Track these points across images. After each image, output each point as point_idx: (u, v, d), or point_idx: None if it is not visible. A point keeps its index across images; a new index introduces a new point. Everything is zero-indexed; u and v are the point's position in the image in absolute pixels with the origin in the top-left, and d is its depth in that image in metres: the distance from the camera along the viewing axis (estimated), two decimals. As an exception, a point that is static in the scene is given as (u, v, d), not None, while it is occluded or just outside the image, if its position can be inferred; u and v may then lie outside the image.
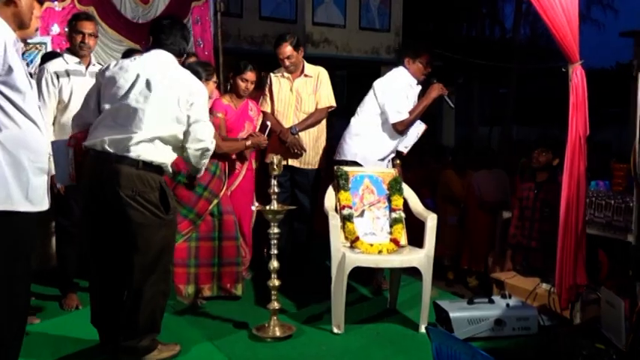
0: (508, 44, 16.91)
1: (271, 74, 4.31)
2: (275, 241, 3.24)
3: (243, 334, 3.31)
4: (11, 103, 2.17)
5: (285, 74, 4.23)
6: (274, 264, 3.24)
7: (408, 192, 3.71)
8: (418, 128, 4.15)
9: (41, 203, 2.28)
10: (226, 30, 8.44)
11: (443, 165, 5.91)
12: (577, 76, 3.09)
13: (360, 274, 3.80)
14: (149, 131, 2.74)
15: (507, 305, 3.27)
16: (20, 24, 2.27)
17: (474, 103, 17.34)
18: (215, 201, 3.76)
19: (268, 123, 4.00)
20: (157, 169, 2.79)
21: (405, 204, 3.68)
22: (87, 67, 3.62)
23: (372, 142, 3.98)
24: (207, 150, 2.91)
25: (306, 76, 4.25)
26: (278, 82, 4.26)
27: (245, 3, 11.34)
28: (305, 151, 4.20)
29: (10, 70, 2.14)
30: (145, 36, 5.64)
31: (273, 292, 3.25)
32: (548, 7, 3.07)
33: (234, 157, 3.99)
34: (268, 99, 4.28)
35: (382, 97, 3.95)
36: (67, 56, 3.62)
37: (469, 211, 5.12)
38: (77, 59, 3.59)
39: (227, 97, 4.06)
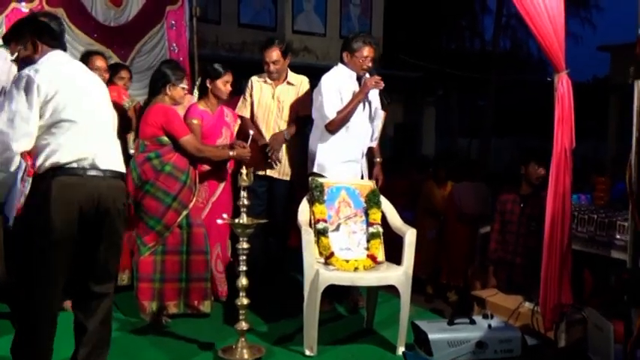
0: (487, 56, 16.99)
1: (253, 78, 4.14)
2: (244, 257, 3.03)
3: (209, 356, 3.11)
4: None
5: (268, 80, 4.07)
6: (243, 281, 3.04)
7: (387, 205, 3.54)
8: (378, 118, 3.91)
9: None
10: (204, 36, 8.24)
11: (425, 176, 5.80)
12: (563, 85, 2.98)
13: (335, 291, 3.61)
14: (116, 141, 2.64)
15: (489, 326, 3.11)
16: None
17: (454, 114, 17.37)
18: (184, 212, 3.55)
19: (251, 132, 3.82)
20: None
21: (384, 218, 3.51)
22: None
23: (324, 148, 3.73)
24: None
25: (289, 83, 4.09)
26: (259, 87, 4.09)
27: (223, 9, 11.15)
28: (280, 162, 4.03)
29: None
30: (117, 39, 5.56)
31: (241, 312, 3.05)
32: (535, 15, 2.97)
33: (211, 167, 3.79)
34: (248, 104, 4.11)
35: (315, 102, 3.76)
36: None
37: (448, 224, 5.00)
38: None
39: (202, 103, 3.87)
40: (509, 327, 3.24)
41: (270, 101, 4.07)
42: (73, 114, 2.43)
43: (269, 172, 4.05)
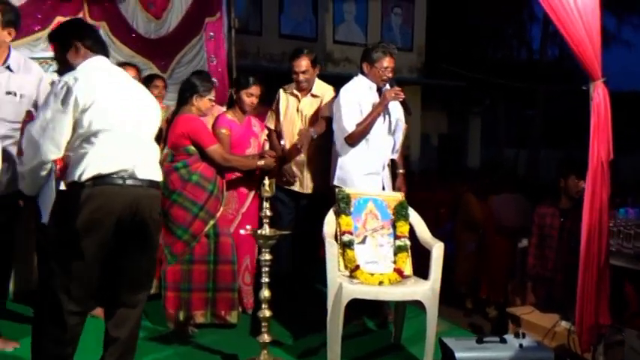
0: (535, 65, 16.55)
1: (281, 90, 4.11)
2: (266, 269, 3.00)
3: (231, 368, 3.09)
4: None
5: (295, 91, 4.04)
6: (265, 293, 2.99)
7: (415, 218, 3.44)
8: (400, 130, 3.79)
9: None
10: (245, 47, 8.34)
11: (466, 188, 5.67)
12: (599, 94, 2.83)
13: (365, 305, 3.53)
14: (156, 148, 2.65)
15: (520, 346, 2.96)
16: None
17: (501, 124, 16.97)
18: (211, 222, 3.54)
19: (282, 142, 3.78)
20: None
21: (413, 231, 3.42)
22: None
23: (345, 160, 3.65)
24: None
25: (313, 96, 4.04)
26: (286, 99, 4.06)
27: (264, 21, 11.30)
28: (295, 180, 3.97)
29: None
30: (157, 51, 5.66)
31: (263, 324, 3.00)
32: (567, 22, 2.83)
33: (239, 175, 3.78)
34: (275, 115, 4.09)
35: (334, 115, 3.69)
36: None
37: (487, 237, 4.85)
38: None
39: (230, 113, 3.87)
40: (542, 347, 3.08)
41: (294, 114, 4.03)
42: (111, 123, 2.43)
43: (290, 187, 3.99)
